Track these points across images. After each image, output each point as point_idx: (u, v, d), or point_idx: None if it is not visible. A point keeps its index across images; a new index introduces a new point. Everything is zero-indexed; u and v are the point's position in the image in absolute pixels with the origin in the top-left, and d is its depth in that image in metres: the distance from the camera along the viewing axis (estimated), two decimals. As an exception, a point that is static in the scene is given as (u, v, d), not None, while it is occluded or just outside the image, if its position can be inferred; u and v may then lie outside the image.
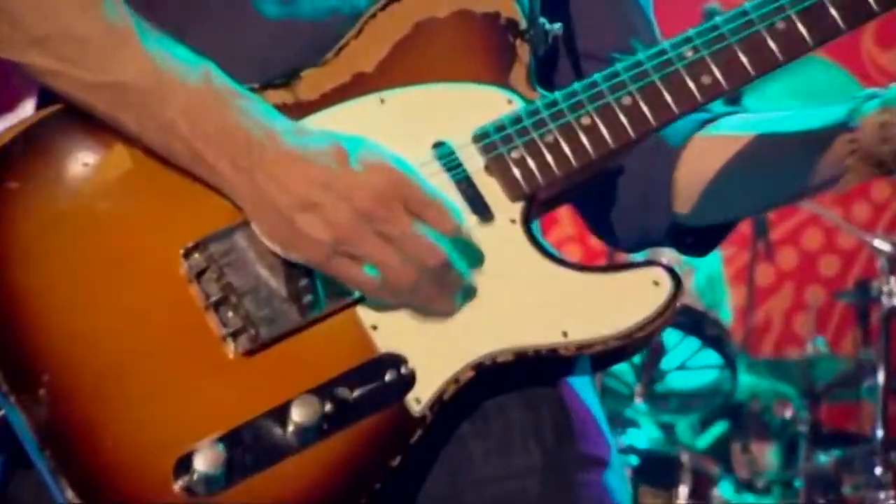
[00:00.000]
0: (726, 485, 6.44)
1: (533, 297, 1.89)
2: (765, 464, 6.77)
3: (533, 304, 1.89)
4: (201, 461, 1.78)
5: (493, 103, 1.95)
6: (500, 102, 1.96)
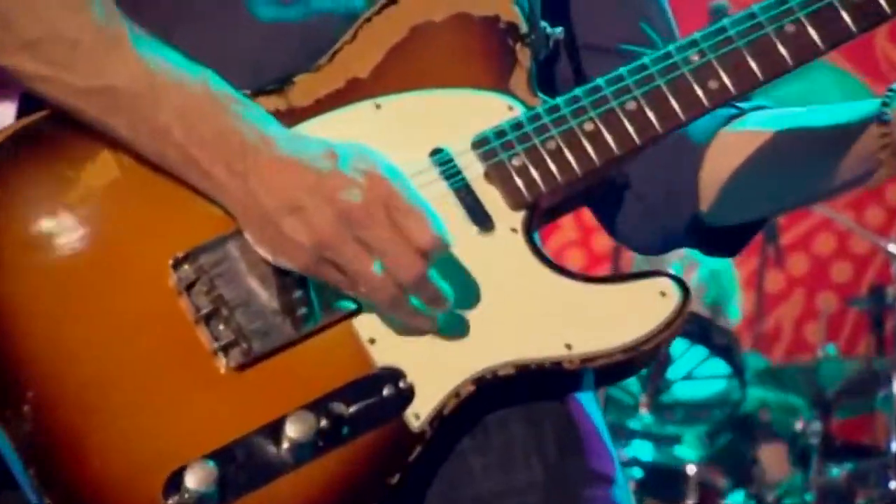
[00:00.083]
0: (734, 498, 6.44)
1: (535, 309, 1.90)
2: (774, 477, 6.77)
3: (535, 316, 1.90)
4: (192, 479, 1.78)
5: (493, 109, 1.96)
6: (500, 108, 1.96)
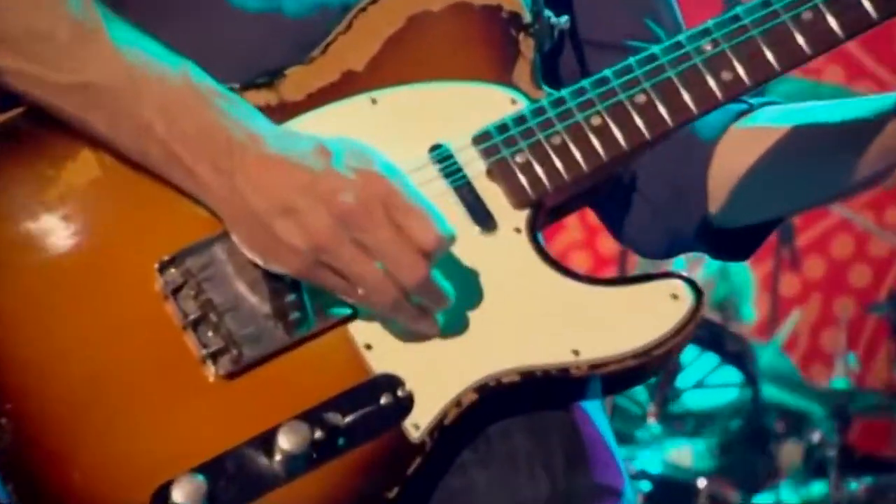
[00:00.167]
0: (747, 513, 6.46)
1: (541, 313, 1.89)
2: (790, 490, 6.78)
3: (541, 321, 1.89)
4: (180, 493, 1.77)
5: (495, 103, 1.95)
6: (502, 102, 1.95)
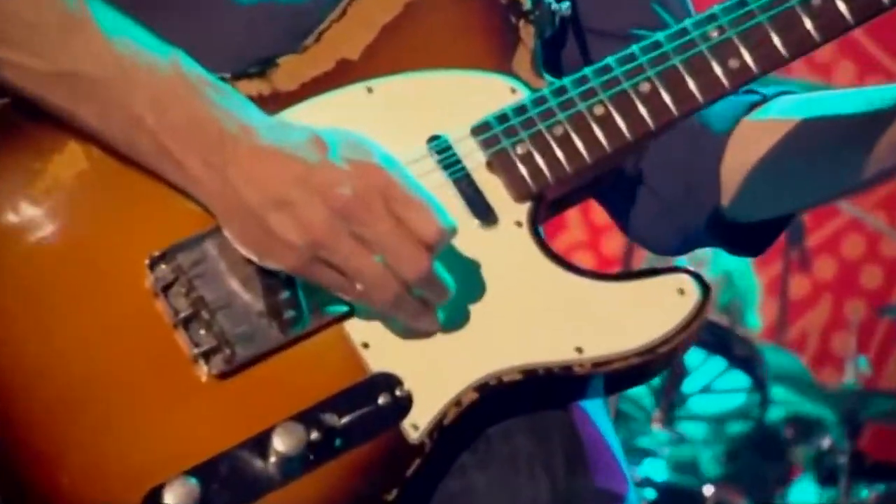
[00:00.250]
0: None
1: (542, 309, 1.89)
2: (800, 498, 6.78)
3: (543, 317, 1.89)
4: (171, 497, 1.78)
5: (495, 92, 1.96)
6: (502, 91, 1.96)
